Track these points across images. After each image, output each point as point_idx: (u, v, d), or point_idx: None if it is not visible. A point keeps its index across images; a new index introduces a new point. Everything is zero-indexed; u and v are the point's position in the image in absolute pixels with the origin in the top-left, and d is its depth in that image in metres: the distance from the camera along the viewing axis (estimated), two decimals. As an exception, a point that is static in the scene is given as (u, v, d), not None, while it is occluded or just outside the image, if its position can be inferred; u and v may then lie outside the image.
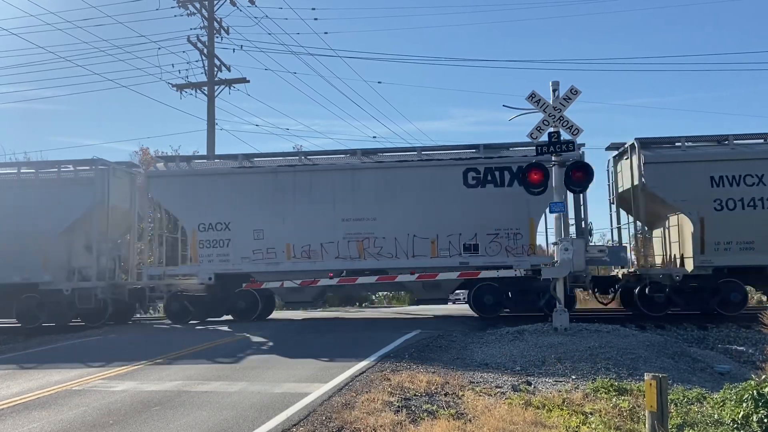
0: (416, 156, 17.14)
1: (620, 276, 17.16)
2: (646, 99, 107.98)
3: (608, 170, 18.80)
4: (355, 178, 17.02)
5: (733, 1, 78.59)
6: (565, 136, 12.48)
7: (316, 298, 18.48)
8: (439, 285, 16.64)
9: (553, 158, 12.61)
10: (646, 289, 15.98)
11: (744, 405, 6.27)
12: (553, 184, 12.62)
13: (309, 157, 17.85)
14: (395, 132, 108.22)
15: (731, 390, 6.93)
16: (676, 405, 7.13)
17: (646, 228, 17.95)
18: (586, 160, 15.81)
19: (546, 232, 16.49)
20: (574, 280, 15.55)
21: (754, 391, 6.25)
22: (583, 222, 16.81)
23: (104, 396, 8.10)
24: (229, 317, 18.11)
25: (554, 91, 12.55)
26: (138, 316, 20.90)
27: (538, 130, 12.50)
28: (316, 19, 36.92)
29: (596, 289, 17.04)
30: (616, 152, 18.19)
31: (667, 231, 16.96)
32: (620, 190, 17.87)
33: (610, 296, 17.38)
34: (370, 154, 17.58)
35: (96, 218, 17.69)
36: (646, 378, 5.90)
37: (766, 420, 6.04)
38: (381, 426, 6.40)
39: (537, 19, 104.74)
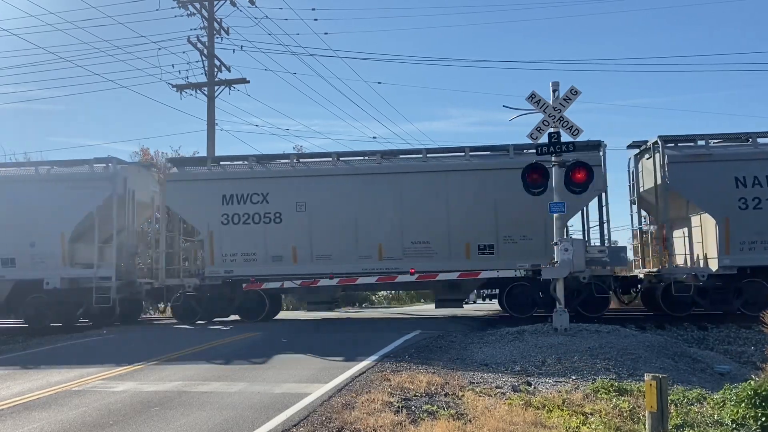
0: None
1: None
2: (645, 99, 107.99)
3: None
4: None
5: (732, 2, 78.64)
6: (565, 136, 12.48)
7: None
8: None
9: (553, 159, 12.60)
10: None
11: (743, 405, 6.27)
12: (553, 185, 12.62)
13: None
14: (395, 132, 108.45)
15: (731, 390, 6.93)
16: (676, 405, 7.13)
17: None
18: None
19: None
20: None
21: (753, 392, 6.26)
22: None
23: (104, 396, 8.10)
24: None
25: (554, 91, 12.55)
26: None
27: (538, 131, 12.50)
28: (316, 19, 37.05)
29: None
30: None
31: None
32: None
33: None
34: None
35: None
36: (646, 378, 5.90)
37: (764, 420, 6.05)
38: (381, 426, 6.40)
39: (536, 20, 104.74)
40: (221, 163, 18.42)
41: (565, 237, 12.62)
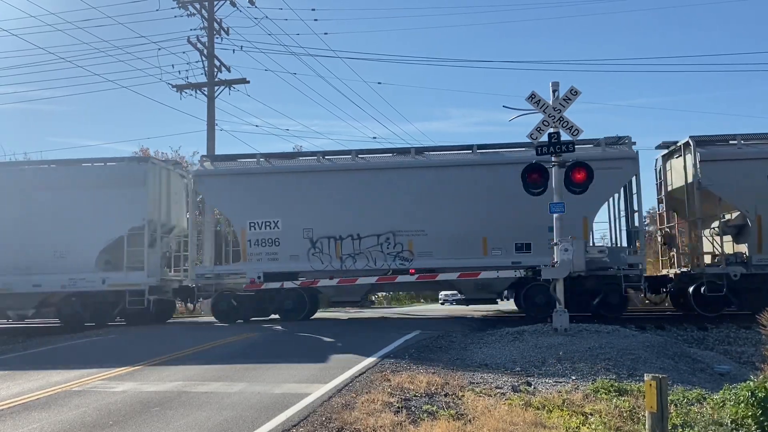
0: None
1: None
2: (645, 99, 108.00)
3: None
4: None
5: (732, 2, 78.68)
6: (565, 136, 12.49)
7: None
8: None
9: (553, 159, 12.61)
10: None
11: (743, 406, 6.29)
12: (553, 185, 12.62)
13: None
14: (395, 132, 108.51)
15: (730, 391, 6.94)
16: (676, 405, 7.13)
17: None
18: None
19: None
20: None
21: (750, 393, 6.28)
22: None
23: (104, 397, 8.10)
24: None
25: (554, 91, 12.55)
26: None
27: (538, 131, 12.50)
28: (316, 20, 37.16)
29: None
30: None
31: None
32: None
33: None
34: None
35: None
36: (646, 378, 5.90)
37: (763, 421, 6.06)
38: (381, 426, 6.40)
39: (536, 20, 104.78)
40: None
41: (568, 237, 12.57)
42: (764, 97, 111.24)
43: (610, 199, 17.13)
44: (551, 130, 12.42)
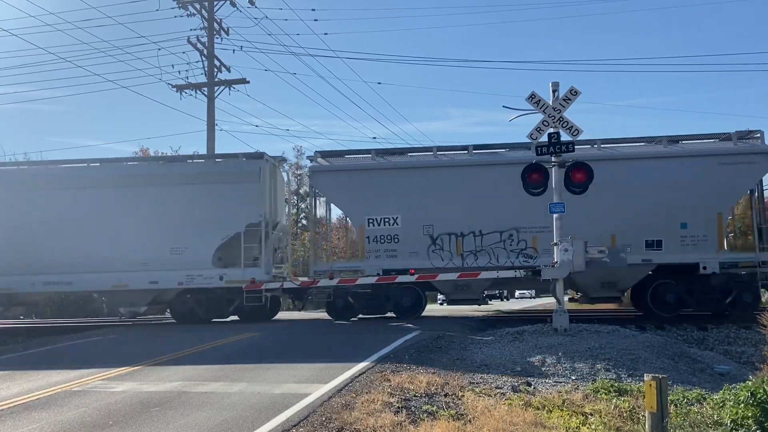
0: None
1: None
2: (645, 99, 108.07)
3: None
4: None
5: (732, 2, 78.72)
6: (565, 136, 12.49)
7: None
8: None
9: (553, 159, 12.61)
10: None
11: (743, 406, 6.29)
12: (553, 185, 12.62)
13: None
14: (395, 133, 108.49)
15: (730, 391, 6.95)
16: (676, 406, 7.13)
17: None
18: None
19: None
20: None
21: (750, 393, 6.29)
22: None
23: (104, 397, 8.10)
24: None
25: (554, 91, 12.55)
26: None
27: (538, 131, 12.51)
28: (315, 20, 37.02)
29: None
30: None
31: None
32: None
33: None
34: None
35: None
36: (645, 379, 5.90)
37: (764, 421, 6.07)
38: (381, 427, 6.40)
39: (536, 20, 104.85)
40: None
41: (569, 237, 12.55)
42: (764, 97, 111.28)
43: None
44: (551, 130, 12.42)
